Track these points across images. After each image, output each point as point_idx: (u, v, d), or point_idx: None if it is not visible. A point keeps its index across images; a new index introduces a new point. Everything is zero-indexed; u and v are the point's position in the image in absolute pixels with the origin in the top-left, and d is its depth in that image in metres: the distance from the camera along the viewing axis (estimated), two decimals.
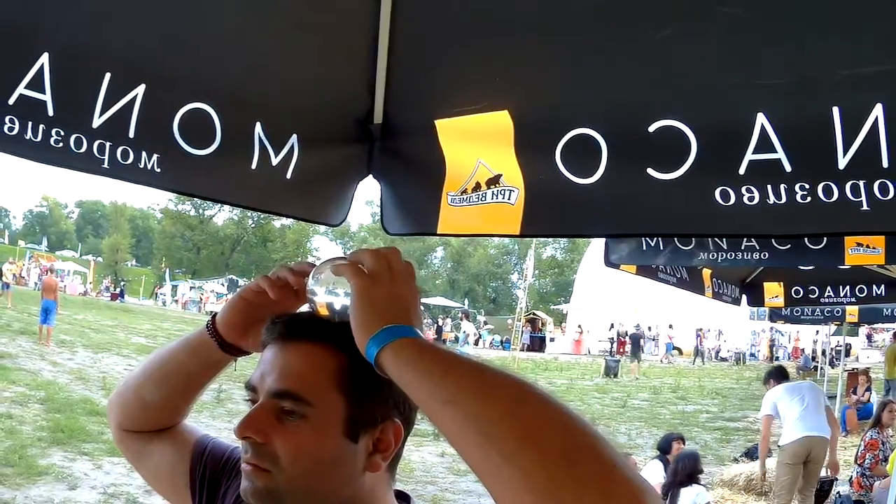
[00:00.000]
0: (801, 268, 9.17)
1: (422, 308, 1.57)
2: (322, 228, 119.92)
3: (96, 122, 2.11)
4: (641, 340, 47.88)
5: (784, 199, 1.94)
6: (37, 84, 2.00)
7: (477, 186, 2.54)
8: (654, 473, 9.82)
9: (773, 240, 6.17)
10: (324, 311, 1.60)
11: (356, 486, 1.57)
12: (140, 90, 2.18)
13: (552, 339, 60.74)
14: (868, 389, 21.05)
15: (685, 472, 9.82)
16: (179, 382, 1.91)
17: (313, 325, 1.59)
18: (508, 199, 2.45)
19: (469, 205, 2.58)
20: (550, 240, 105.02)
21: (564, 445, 1.16)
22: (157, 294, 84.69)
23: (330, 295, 1.59)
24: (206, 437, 2.00)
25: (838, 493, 10.59)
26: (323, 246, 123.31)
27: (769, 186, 1.95)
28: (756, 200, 1.97)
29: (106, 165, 2.16)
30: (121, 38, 2.18)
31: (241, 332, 1.78)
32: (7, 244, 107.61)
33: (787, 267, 9.14)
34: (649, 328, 57.56)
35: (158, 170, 2.26)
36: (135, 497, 10.10)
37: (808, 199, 1.91)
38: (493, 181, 2.49)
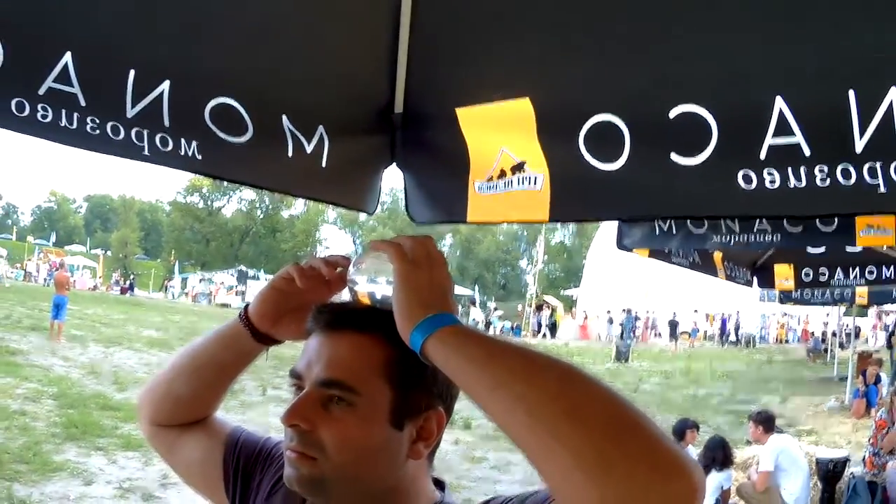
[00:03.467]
0: (812, 250, 9.14)
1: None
2: (330, 218, 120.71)
3: (130, 112, 2.13)
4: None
5: (804, 183, 1.96)
6: (64, 79, 2.01)
7: (502, 174, 2.55)
8: None
9: (784, 222, 6.20)
10: (365, 300, 1.62)
11: (399, 474, 1.59)
12: (165, 86, 2.18)
13: (550, 325, 60.50)
14: (878, 380, 20.98)
15: (716, 458, 9.83)
16: (211, 374, 1.92)
17: (361, 315, 1.60)
18: (534, 185, 2.46)
19: (496, 192, 2.60)
20: (559, 225, 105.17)
21: (612, 423, 1.19)
22: (166, 287, 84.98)
23: (371, 283, 1.60)
24: (238, 429, 2.01)
25: (852, 473, 10.57)
26: (332, 236, 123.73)
27: (790, 169, 1.97)
28: (777, 184, 1.99)
29: (146, 152, 2.17)
30: (142, 37, 2.18)
31: (273, 322, 1.79)
32: (15, 240, 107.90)
33: (798, 249, 9.12)
34: (649, 311, 57.63)
35: (199, 157, 2.27)
36: (150, 491, 10.13)
37: (828, 181, 1.93)
38: (518, 168, 2.50)
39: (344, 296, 1.72)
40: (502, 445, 14.42)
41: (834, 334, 36.27)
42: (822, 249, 8.87)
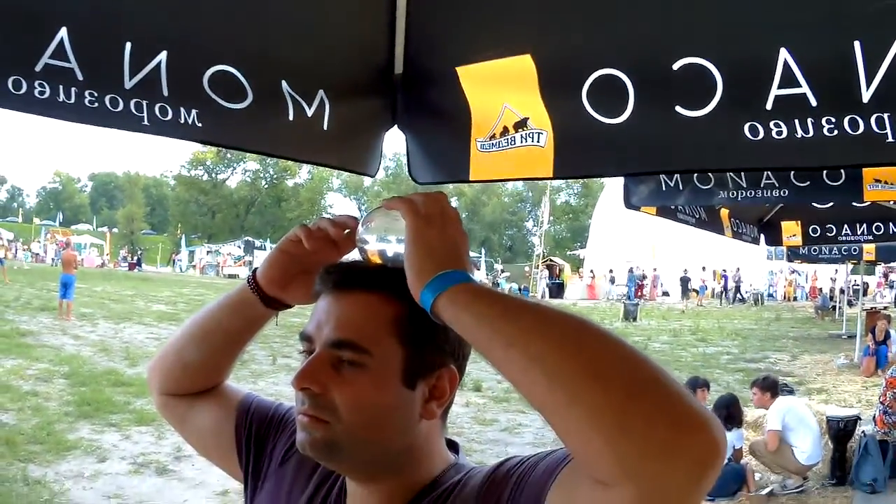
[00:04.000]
0: (818, 206, 9.14)
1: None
2: (335, 185, 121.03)
3: (128, 84, 2.10)
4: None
5: (812, 133, 1.94)
6: (60, 55, 1.98)
7: (504, 131, 2.53)
8: None
9: (791, 176, 6.17)
10: (376, 259, 1.59)
11: (412, 435, 1.56)
12: (163, 56, 2.16)
13: (557, 285, 60.59)
14: (888, 336, 20.98)
15: (728, 417, 9.85)
16: (221, 341, 1.90)
17: (369, 274, 1.58)
18: (538, 141, 2.44)
19: (499, 150, 2.57)
20: (564, 185, 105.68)
21: (629, 380, 1.18)
22: (174, 261, 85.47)
23: (382, 242, 1.58)
24: (250, 395, 2.00)
25: (863, 432, 10.57)
26: (337, 202, 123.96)
27: (797, 121, 1.96)
28: (784, 134, 1.97)
29: (146, 122, 2.15)
30: (137, 8, 2.16)
31: (282, 286, 1.77)
32: (22, 222, 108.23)
33: (805, 204, 9.11)
34: (656, 269, 57.78)
35: (200, 124, 2.25)
36: (164, 464, 10.17)
37: (836, 132, 1.92)
38: (521, 124, 2.48)
39: (353, 256, 1.70)
40: (513, 407, 14.51)
41: (842, 291, 36.27)
42: (829, 205, 8.87)
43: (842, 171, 5.93)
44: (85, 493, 8.89)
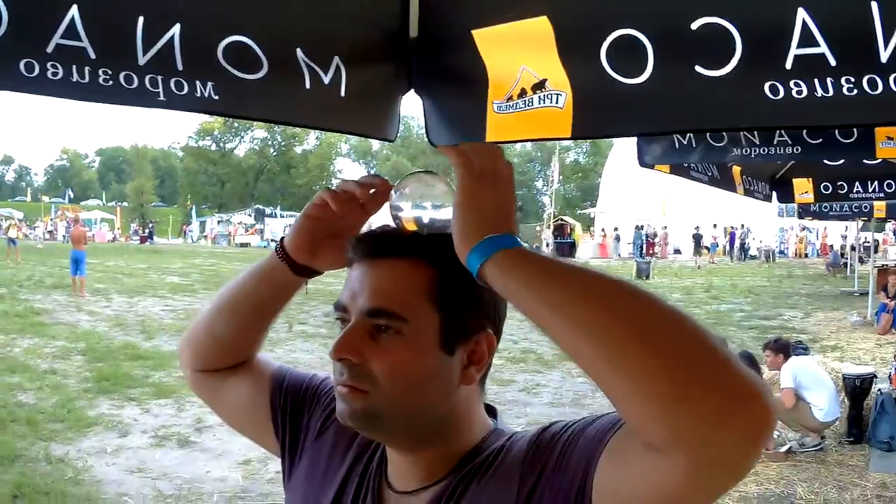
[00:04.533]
0: (830, 163, 9.10)
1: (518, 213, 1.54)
2: (344, 150, 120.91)
3: (141, 60, 2.08)
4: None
5: (832, 92, 1.95)
6: (71, 34, 1.97)
7: (522, 93, 2.52)
8: None
9: (804, 134, 6.16)
10: (411, 227, 1.57)
11: (452, 401, 1.55)
12: (176, 30, 2.14)
13: (569, 245, 60.48)
14: None
15: None
16: (251, 312, 1.88)
17: (401, 241, 1.55)
18: (556, 102, 2.43)
19: (516, 111, 2.56)
20: (573, 144, 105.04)
21: (683, 346, 1.18)
22: (185, 232, 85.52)
23: (417, 209, 1.56)
24: (283, 368, 1.98)
25: (879, 390, 10.56)
26: (346, 167, 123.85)
27: (816, 80, 1.96)
28: (805, 94, 1.98)
29: (162, 98, 2.13)
30: None
31: (310, 252, 1.74)
32: (31, 201, 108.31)
33: (817, 161, 9.08)
34: (666, 227, 57.69)
35: (216, 97, 2.23)
36: (186, 436, 10.23)
37: (855, 91, 1.92)
38: (539, 86, 2.47)
39: (379, 218, 1.69)
40: (530, 367, 14.57)
41: (853, 248, 36.20)
42: (840, 162, 8.84)
43: (854, 128, 5.90)
44: (108, 468, 8.94)
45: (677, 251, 59.10)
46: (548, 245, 35.85)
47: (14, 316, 20.31)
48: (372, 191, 1.67)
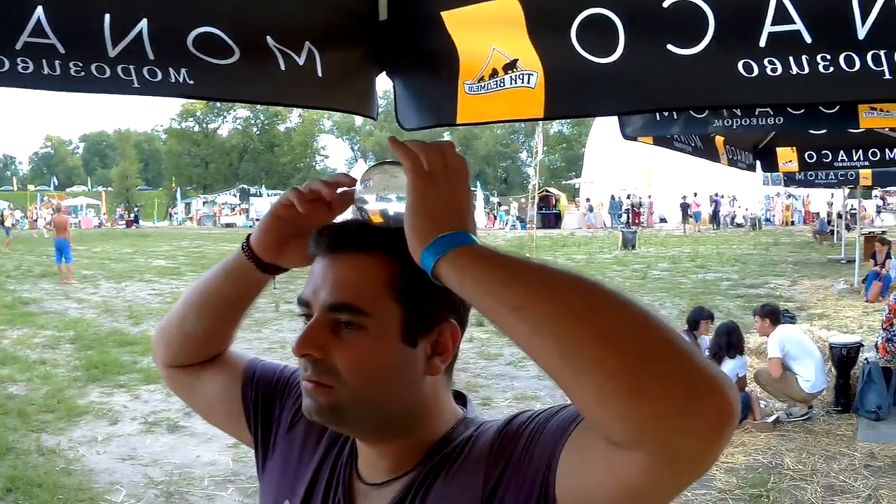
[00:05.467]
0: (813, 132, 9.12)
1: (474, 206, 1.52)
2: (327, 126, 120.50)
3: (111, 52, 2.09)
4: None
5: (807, 70, 1.95)
6: (39, 32, 1.97)
7: (494, 73, 2.52)
8: None
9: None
10: (377, 219, 1.54)
11: (418, 392, 1.55)
12: (143, 24, 2.13)
13: (554, 216, 60.62)
14: (888, 256, 21.04)
15: (729, 344, 9.90)
16: (221, 309, 1.88)
17: (362, 234, 1.54)
18: (528, 83, 2.43)
19: (487, 92, 2.56)
20: None
21: (642, 342, 1.17)
22: (170, 214, 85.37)
23: (382, 202, 1.53)
24: (254, 360, 1.98)
25: (866, 359, 10.59)
26: (329, 144, 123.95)
27: (791, 58, 1.96)
28: (779, 71, 1.98)
29: (136, 85, 2.14)
30: None
31: (277, 250, 1.74)
32: (17, 190, 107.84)
33: (800, 131, 9.10)
34: (651, 196, 57.76)
35: (192, 81, 2.24)
36: (175, 421, 10.23)
37: (831, 69, 1.93)
38: (510, 66, 2.47)
39: (347, 216, 1.66)
40: None
41: (839, 216, 36.31)
42: (823, 131, 8.86)
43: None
44: (99, 457, 8.96)
45: (663, 220, 59.27)
46: (532, 218, 35.81)
47: (2, 307, 20.31)
48: (340, 190, 1.65)
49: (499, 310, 1.27)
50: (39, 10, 1.97)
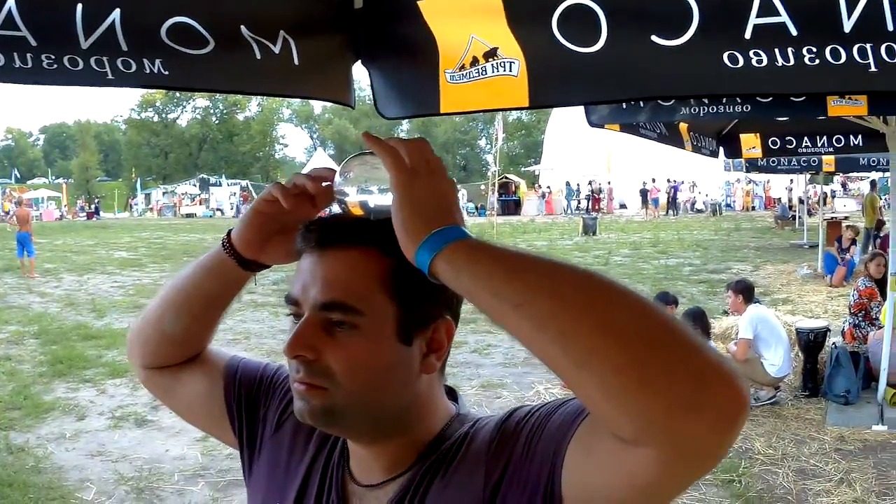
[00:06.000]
0: (778, 119, 9.18)
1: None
2: (286, 115, 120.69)
3: (84, 44, 2.05)
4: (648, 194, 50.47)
5: (793, 62, 1.95)
6: (9, 25, 1.94)
7: (474, 61, 2.49)
8: None
9: None
10: (357, 212, 1.50)
11: (413, 392, 1.52)
12: (116, 15, 2.09)
13: (514, 202, 60.82)
14: (854, 243, 21.25)
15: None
16: (200, 307, 1.81)
17: (352, 229, 1.49)
18: (510, 70, 2.41)
19: (470, 80, 2.53)
20: None
21: (648, 335, 1.14)
22: (131, 205, 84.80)
23: (362, 193, 1.49)
24: (234, 359, 1.93)
25: (834, 344, 10.67)
26: (289, 133, 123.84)
27: (776, 50, 1.96)
28: (765, 63, 1.98)
29: (111, 76, 2.10)
30: None
31: (259, 247, 1.68)
32: None
33: (768, 118, 9.16)
34: (611, 182, 57.99)
35: (167, 72, 2.20)
36: (143, 415, 10.16)
37: (817, 61, 1.93)
38: (491, 54, 2.44)
39: (331, 211, 1.63)
40: (481, 328, 14.47)
41: (801, 201, 36.62)
42: (787, 118, 8.92)
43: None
44: (68, 454, 8.87)
45: (623, 206, 59.53)
46: (493, 205, 35.98)
47: None
48: (325, 184, 1.59)
49: (499, 307, 1.23)
50: (10, 2, 1.93)
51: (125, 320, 17.15)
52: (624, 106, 6.21)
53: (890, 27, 1.84)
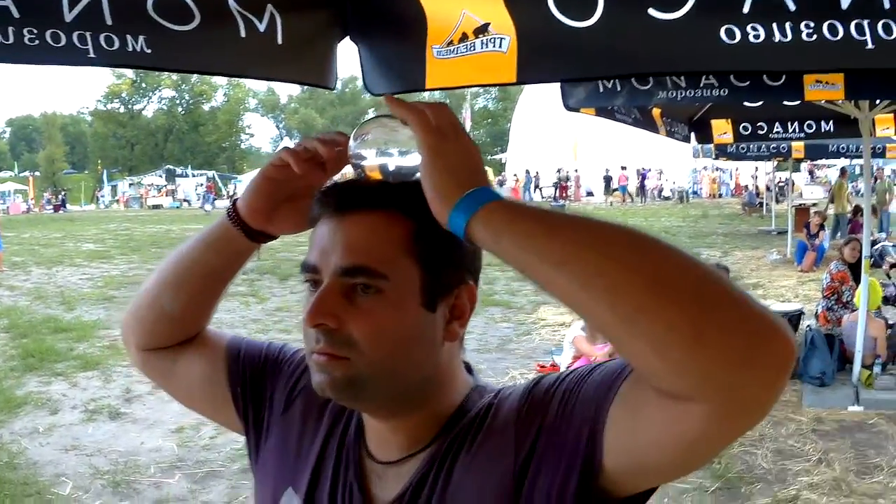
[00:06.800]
0: (748, 104, 9.21)
1: None
2: (252, 105, 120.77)
3: (68, 16, 2.01)
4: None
5: (790, 37, 1.95)
6: None
7: (464, 37, 2.48)
8: None
9: (731, 77, 6.14)
10: (376, 175, 1.45)
11: (436, 360, 1.48)
12: None
13: None
14: (822, 228, 21.43)
15: None
16: (201, 283, 1.74)
17: (373, 192, 1.44)
18: (499, 47, 2.40)
19: (457, 56, 2.52)
20: (482, 91, 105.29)
21: (699, 289, 1.12)
22: (97, 197, 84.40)
23: (382, 156, 1.44)
24: (236, 339, 1.86)
25: (808, 326, 10.76)
26: (255, 122, 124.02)
27: (775, 25, 1.95)
28: (762, 38, 1.98)
29: (92, 55, 2.07)
30: None
31: (267, 215, 1.62)
32: None
33: (736, 103, 9.19)
34: (578, 170, 58.15)
35: (149, 50, 2.17)
36: (116, 408, 10.10)
37: (815, 37, 1.93)
38: (481, 30, 2.43)
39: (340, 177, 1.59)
40: None
41: (768, 188, 36.93)
42: (759, 103, 8.95)
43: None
44: (42, 449, 8.79)
45: (590, 193, 59.71)
46: None
47: None
48: (338, 148, 1.53)
49: (541, 267, 1.20)
50: None
51: (95, 312, 17.11)
52: (601, 89, 6.17)
53: (886, 4, 1.84)
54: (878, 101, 9.34)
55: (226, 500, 7.33)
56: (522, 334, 14.16)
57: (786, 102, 8.92)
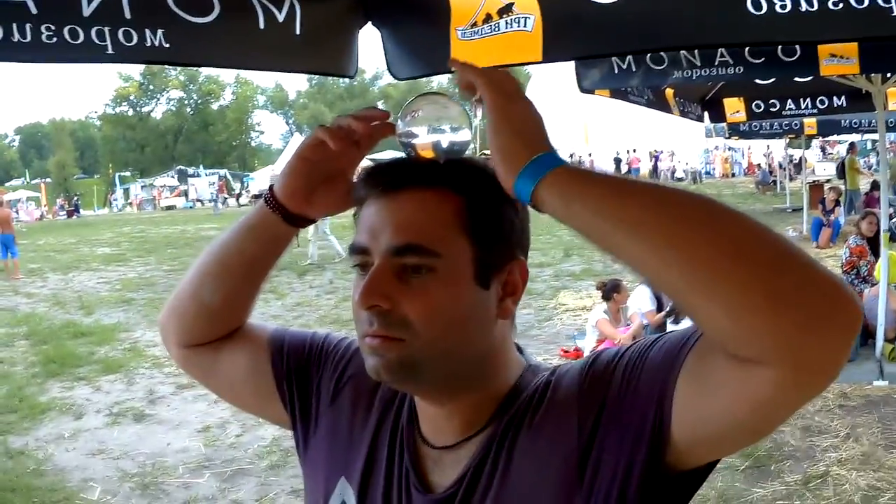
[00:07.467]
0: (760, 81, 9.16)
1: None
2: (261, 102, 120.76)
3: (87, 10, 2.00)
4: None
5: (816, 7, 1.94)
6: None
7: (487, 18, 2.47)
8: (642, 298, 9.75)
9: (746, 53, 6.12)
10: (428, 154, 1.43)
11: (490, 338, 1.46)
12: None
13: None
14: (838, 204, 21.35)
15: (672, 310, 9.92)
16: (242, 272, 1.71)
17: (421, 169, 1.42)
18: (524, 26, 2.39)
19: (482, 37, 2.50)
20: None
21: (773, 252, 1.12)
22: (110, 201, 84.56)
23: (435, 133, 1.42)
24: (279, 330, 1.84)
25: None
26: (264, 119, 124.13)
27: None
28: (789, 8, 1.97)
29: (111, 51, 2.06)
30: None
31: (305, 197, 1.59)
32: None
33: (747, 81, 9.14)
34: (591, 154, 58.10)
35: (168, 45, 2.17)
36: (140, 410, 10.13)
37: (840, 5, 1.92)
38: (505, 10, 2.42)
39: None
40: None
41: (781, 166, 36.81)
42: (770, 80, 8.91)
43: (797, 46, 5.90)
44: (69, 454, 8.78)
45: None
46: None
47: None
48: (374, 123, 1.52)
49: (612, 232, 1.20)
50: None
51: (114, 315, 17.17)
52: (615, 70, 6.14)
53: None
54: (889, 75, 9.28)
55: (255, 497, 7.33)
56: (544, 320, 14.14)
57: (799, 79, 8.86)
